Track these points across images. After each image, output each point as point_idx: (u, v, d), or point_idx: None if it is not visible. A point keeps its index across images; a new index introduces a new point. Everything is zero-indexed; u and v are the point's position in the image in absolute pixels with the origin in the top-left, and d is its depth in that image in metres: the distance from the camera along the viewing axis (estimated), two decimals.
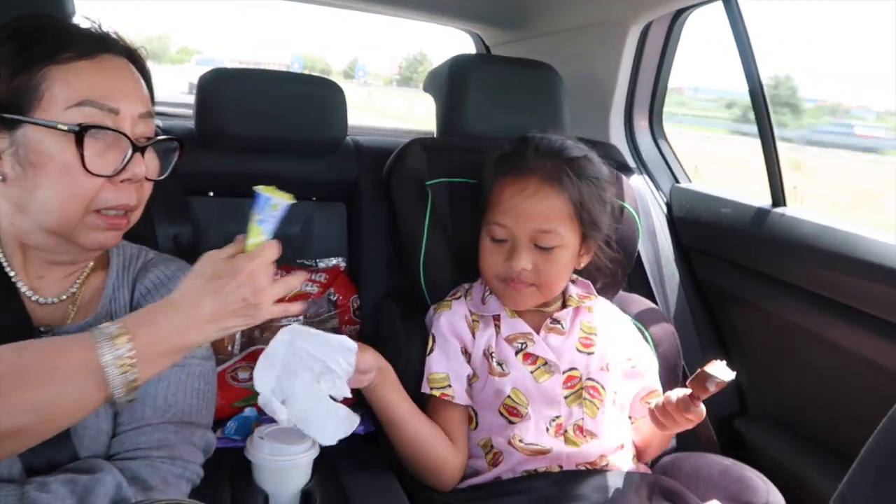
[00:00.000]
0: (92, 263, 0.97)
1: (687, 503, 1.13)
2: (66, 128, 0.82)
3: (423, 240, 1.33)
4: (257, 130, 1.39)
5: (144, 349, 0.73)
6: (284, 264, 1.43)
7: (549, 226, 1.15)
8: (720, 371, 1.06)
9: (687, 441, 1.27)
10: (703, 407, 1.10)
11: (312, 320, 1.41)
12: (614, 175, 1.37)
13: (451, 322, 1.22)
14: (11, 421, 0.69)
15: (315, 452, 1.07)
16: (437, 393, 1.18)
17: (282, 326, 1.37)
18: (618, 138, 1.88)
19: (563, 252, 1.18)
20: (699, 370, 1.07)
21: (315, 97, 1.44)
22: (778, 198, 1.52)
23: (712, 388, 1.06)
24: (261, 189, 0.84)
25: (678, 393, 1.11)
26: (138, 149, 0.86)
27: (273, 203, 0.83)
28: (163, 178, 0.95)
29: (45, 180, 0.83)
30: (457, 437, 1.19)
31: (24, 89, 0.83)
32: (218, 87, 1.38)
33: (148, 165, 0.89)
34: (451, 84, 1.53)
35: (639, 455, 1.26)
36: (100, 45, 0.88)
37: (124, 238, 1.04)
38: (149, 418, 0.89)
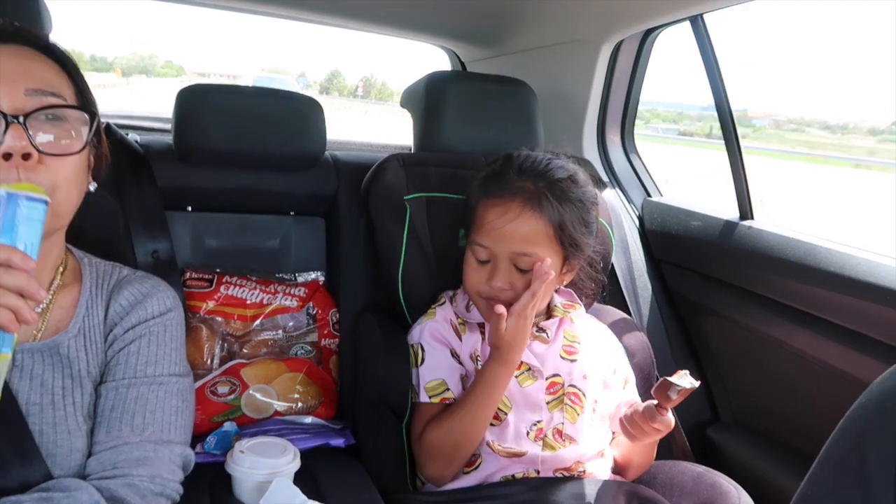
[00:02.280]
0: (61, 280, 0.95)
1: None
2: None
3: (401, 254, 1.34)
4: (236, 145, 1.40)
5: None
6: (263, 278, 1.44)
7: (528, 249, 1.16)
8: (682, 380, 1.09)
9: (662, 450, 1.30)
10: (670, 416, 1.13)
11: (292, 334, 1.41)
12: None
13: (436, 329, 1.24)
14: None
15: (296, 465, 1.08)
16: (436, 399, 1.19)
17: (266, 341, 1.39)
18: (591, 153, 1.93)
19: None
20: (661, 379, 1.10)
21: (294, 113, 1.45)
22: (745, 210, 1.57)
23: (674, 397, 1.09)
24: None
25: (645, 403, 1.14)
26: (12, 121, 0.80)
27: None
28: (74, 154, 0.86)
29: None
30: None
31: None
32: (196, 102, 1.39)
33: (35, 139, 0.82)
34: (428, 100, 1.55)
35: (621, 472, 1.28)
36: None
37: (97, 255, 1.05)
38: (126, 437, 0.88)
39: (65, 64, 0.91)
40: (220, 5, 2.11)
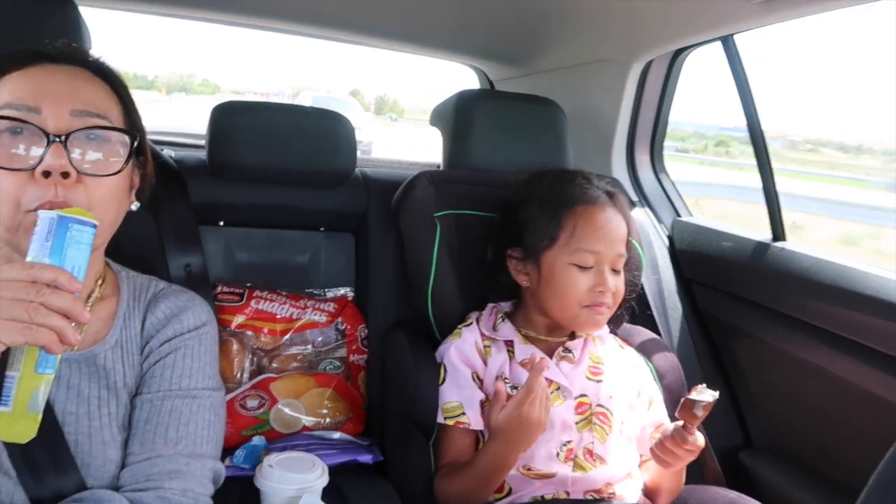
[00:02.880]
0: (99, 292, 0.97)
1: None
2: None
3: (431, 270, 1.35)
4: (267, 161, 1.42)
5: None
6: (293, 293, 1.45)
7: (624, 249, 1.24)
8: (703, 394, 1.08)
9: (693, 474, 1.27)
10: (700, 436, 1.11)
11: (321, 349, 1.42)
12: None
13: (460, 350, 1.24)
14: None
15: (325, 481, 1.07)
16: (451, 422, 1.20)
17: (295, 356, 1.39)
18: (620, 172, 1.92)
19: (622, 276, 1.25)
20: (683, 399, 1.09)
21: (324, 130, 1.47)
22: (778, 232, 1.55)
23: (700, 413, 1.07)
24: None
25: (672, 426, 1.13)
26: (54, 140, 0.83)
27: (37, 218, 0.75)
28: (112, 175, 0.87)
29: None
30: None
31: None
32: (229, 118, 1.41)
33: (75, 158, 0.84)
34: (457, 118, 1.56)
35: (651, 498, 1.26)
36: (33, 58, 0.89)
37: (131, 267, 1.06)
38: (160, 449, 0.89)
39: (115, 85, 0.93)
40: (250, 24, 2.15)
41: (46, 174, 0.81)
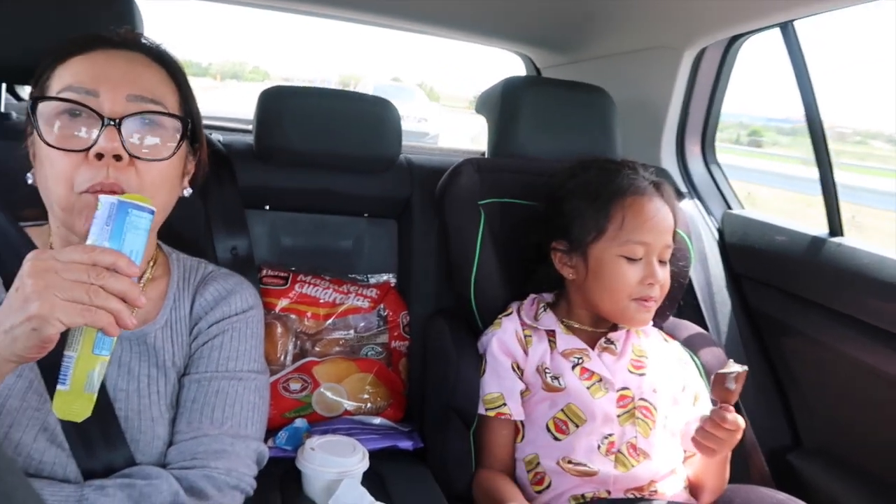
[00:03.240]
0: (151, 273, 0.99)
1: None
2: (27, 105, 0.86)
3: (474, 258, 1.34)
4: (313, 146, 1.43)
5: None
6: (336, 278, 1.46)
7: (671, 241, 1.23)
8: (732, 367, 1.08)
9: (738, 473, 1.24)
10: (738, 416, 1.09)
11: (363, 334, 1.42)
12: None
13: (501, 340, 1.23)
14: None
15: (365, 465, 1.08)
16: (492, 413, 1.19)
17: (338, 340, 1.40)
18: (669, 162, 1.87)
19: (668, 267, 1.23)
20: (713, 376, 1.08)
21: (370, 115, 1.46)
22: (835, 227, 1.49)
23: (732, 386, 1.06)
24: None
25: (709, 410, 1.11)
26: (108, 123, 0.84)
27: (98, 203, 0.75)
28: (163, 160, 0.89)
29: (41, 168, 0.87)
30: (509, 454, 1.21)
31: (38, 92, 0.89)
32: (276, 103, 1.42)
33: (128, 141, 0.86)
34: (503, 105, 1.54)
35: (695, 494, 1.24)
36: (94, 43, 0.91)
37: (182, 250, 1.08)
38: (206, 429, 0.91)
39: (172, 71, 0.95)
40: (298, 10, 2.16)
41: (99, 156, 0.83)
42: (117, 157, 0.84)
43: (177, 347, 0.95)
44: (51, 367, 0.74)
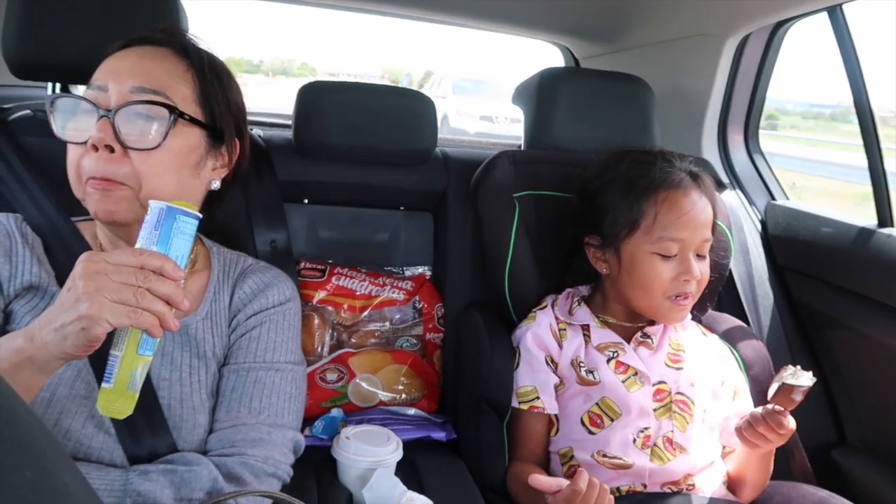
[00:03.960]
0: (192, 267, 1.02)
1: None
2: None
3: (509, 251, 1.34)
4: (351, 140, 1.44)
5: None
6: (372, 270, 1.48)
7: (709, 233, 1.19)
8: (801, 379, 1.04)
9: (780, 470, 1.22)
10: (792, 420, 1.07)
11: (398, 326, 1.44)
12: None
13: (535, 334, 1.23)
14: None
15: (399, 455, 1.09)
16: (525, 406, 1.20)
17: (373, 332, 1.42)
18: (710, 153, 1.83)
19: (708, 260, 1.21)
20: (781, 384, 1.05)
21: (406, 109, 1.47)
22: (885, 217, 1.44)
23: (799, 399, 1.04)
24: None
25: (764, 408, 1.08)
26: (102, 115, 0.87)
27: (148, 208, 0.76)
28: (151, 150, 0.89)
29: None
30: (543, 447, 1.21)
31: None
32: (315, 98, 1.44)
33: (122, 133, 0.87)
34: (540, 97, 1.53)
35: (734, 490, 1.22)
36: (130, 42, 0.95)
37: (222, 242, 1.11)
38: (244, 418, 0.93)
39: (197, 66, 0.96)
40: (342, 6, 2.18)
41: (95, 147, 0.87)
42: (110, 149, 0.87)
43: (217, 338, 0.98)
44: (98, 357, 0.76)
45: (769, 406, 1.07)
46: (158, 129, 0.90)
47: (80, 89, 2.02)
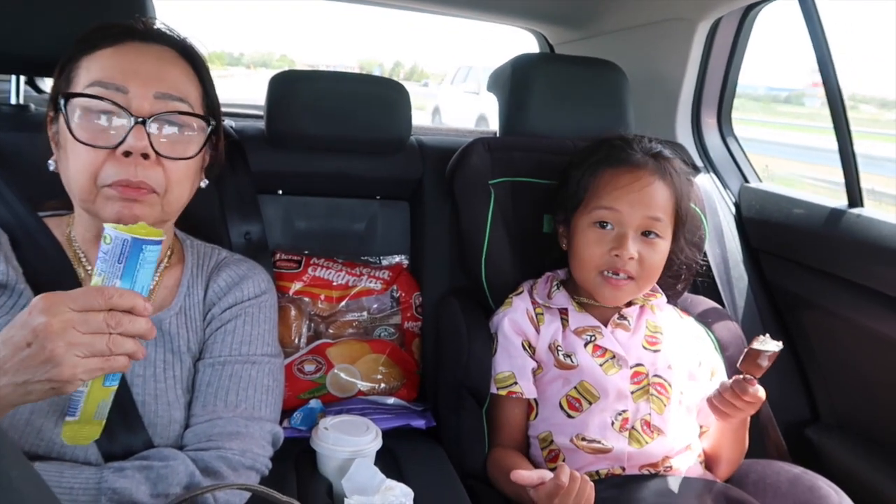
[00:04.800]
0: (167, 262, 1.01)
1: None
2: (60, 102, 0.87)
3: (485, 238, 1.34)
4: (324, 130, 1.43)
5: None
6: (349, 260, 1.47)
7: (659, 213, 1.18)
8: (767, 344, 1.06)
9: (755, 448, 1.24)
10: (760, 388, 1.08)
11: (376, 316, 1.44)
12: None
13: (512, 320, 1.23)
14: None
15: (378, 444, 1.09)
16: (503, 392, 1.20)
17: (351, 322, 1.42)
18: (685, 137, 1.84)
19: (663, 244, 1.20)
20: (747, 349, 1.07)
21: (380, 97, 1.46)
22: (855, 198, 1.46)
23: (765, 364, 1.05)
24: (108, 225, 0.71)
25: (733, 378, 1.10)
26: (138, 122, 0.86)
27: (105, 236, 0.70)
28: (188, 159, 0.91)
29: (65, 157, 0.89)
30: (522, 432, 1.22)
31: (64, 81, 0.91)
32: (286, 88, 1.42)
33: (157, 141, 0.88)
34: (514, 83, 1.52)
35: (711, 467, 1.24)
36: (125, 35, 0.92)
37: (196, 235, 1.10)
38: (220, 412, 0.93)
39: (197, 66, 0.97)
40: None
41: (127, 154, 0.86)
42: (145, 156, 0.86)
43: (191, 333, 0.97)
44: None
45: (738, 376, 1.09)
46: (195, 139, 0.92)
47: (46, 82, 2.00)
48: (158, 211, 0.90)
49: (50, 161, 0.93)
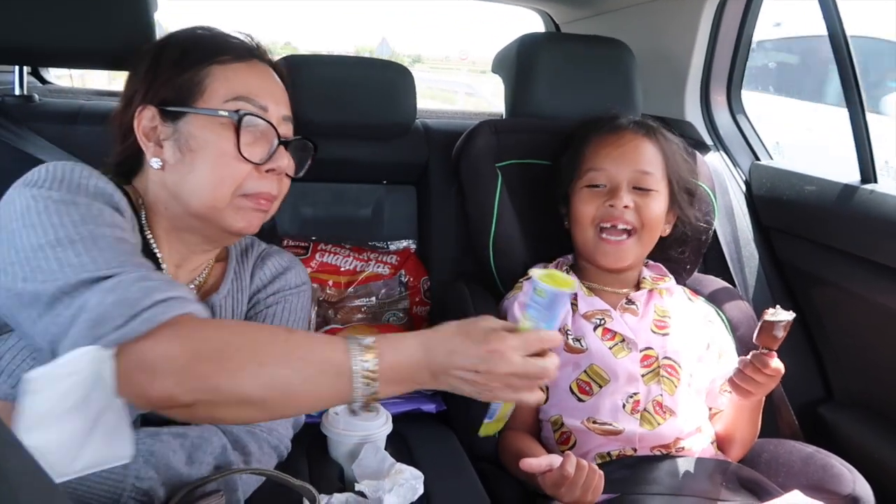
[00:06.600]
0: (214, 259, 1.05)
1: (766, 492, 1.09)
2: (226, 114, 0.90)
3: (492, 221, 1.33)
4: (328, 115, 1.42)
5: (385, 370, 0.77)
6: (356, 246, 1.47)
7: (649, 168, 1.21)
8: (779, 314, 1.06)
9: (768, 428, 1.23)
10: (779, 361, 1.08)
11: (384, 301, 1.43)
12: (692, 153, 1.36)
13: (522, 304, 1.23)
14: (250, 389, 0.74)
15: (388, 428, 1.09)
16: None
17: (360, 307, 1.41)
18: (693, 115, 1.82)
19: (659, 199, 1.22)
20: (761, 322, 1.07)
21: (385, 81, 1.45)
22: (867, 174, 1.44)
23: (780, 334, 1.06)
24: (535, 273, 0.83)
25: (751, 354, 1.09)
26: (283, 143, 0.94)
27: (538, 289, 0.81)
28: (299, 176, 1.02)
29: (202, 164, 0.91)
30: (532, 415, 1.22)
31: (188, 85, 0.92)
32: (290, 73, 1.41)
33: (289, 162, 0.96)
34: (520, 64, 1.51)
35: (724, 448, 1.23)
36: (251, 52, 0.97)
37: None
38: None
39: (282, 78, 1.02)
40: None
41: (270, 171, 0.93)
42: (287, 175, 0.97)
43: (236, 315, 1.04)
44: None
45: (754, 352, 1.08)
46: (301, 161, 1.02)
47: (51, 73, 1.99)
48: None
49: (155, 160, 0.93)
